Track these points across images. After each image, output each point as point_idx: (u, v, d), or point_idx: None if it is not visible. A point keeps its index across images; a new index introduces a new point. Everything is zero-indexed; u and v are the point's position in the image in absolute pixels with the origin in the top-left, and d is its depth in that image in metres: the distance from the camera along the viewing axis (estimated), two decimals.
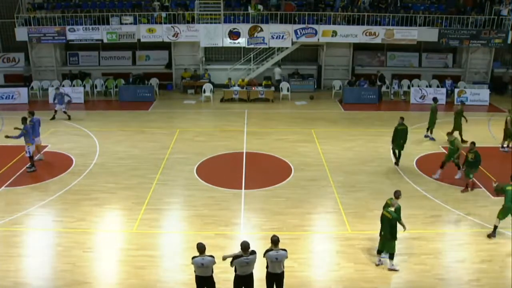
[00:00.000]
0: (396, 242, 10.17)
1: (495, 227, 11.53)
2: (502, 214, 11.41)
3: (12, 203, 13.09)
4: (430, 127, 18.29)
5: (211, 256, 8.55)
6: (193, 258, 8.59)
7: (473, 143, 13.79)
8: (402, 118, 15.77)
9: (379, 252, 10.44)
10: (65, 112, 20.54)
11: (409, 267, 10.44)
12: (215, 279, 8.78)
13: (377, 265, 10.42)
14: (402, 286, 9.88)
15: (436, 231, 11.91)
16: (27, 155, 15.19)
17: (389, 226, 9.99)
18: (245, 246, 8.45)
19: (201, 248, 8.52)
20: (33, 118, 16.00)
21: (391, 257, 10.25)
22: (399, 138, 15.51)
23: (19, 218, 12.35)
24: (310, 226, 12.39)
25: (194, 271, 8.67)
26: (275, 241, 8.70)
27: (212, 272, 8.65)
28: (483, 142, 17.74)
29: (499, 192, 11.55)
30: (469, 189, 13.92)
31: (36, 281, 9.90)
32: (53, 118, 20.30)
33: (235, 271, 8.60)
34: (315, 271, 10.46)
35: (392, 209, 10.11)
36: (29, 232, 11.83)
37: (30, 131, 15.17)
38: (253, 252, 8.54)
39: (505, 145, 17.37)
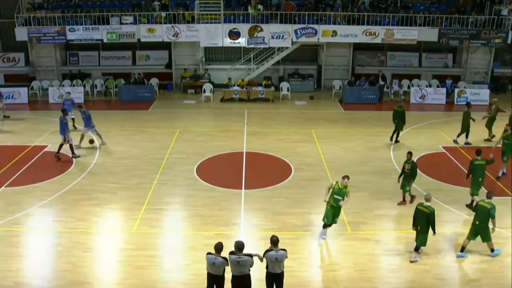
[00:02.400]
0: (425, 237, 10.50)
1: (472, 201, 12.72)
2: (473, 189, 12.76)
3: (12, 203, 13.09)
4: (463, 133, 17.65)
5: (225, 258, 8.46)
6: (207, 254, 8.56)
7: (409, 153, 13.00)
8: (400, 102, 18.33)
9: (417, 248, 10.60)
10: (73, 119, 19.17)
11: (409, 267, 10.43)
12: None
13: (411, 261, 10.52)
14: (402, 286, 9.88)
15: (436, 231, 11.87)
16: (70, 142, 16.22)
17: (426, 220, 10.28)
18: (237, 246, 8.42)
19: (218, 248, 8.46)
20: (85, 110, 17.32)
21: (417, 249, 10.54)
22: (394, 118, 17.56)
23: (19, 218, 12.34)
24: (310, 226, 12.38)
25: (206, 267, 8.65)
26: (274, 241, 8.70)
27: (224, 272, 8.59)
28: (483, 142, 17.80)
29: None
30: (407, 202, 13.09)
31: (36, 281, 9.90)
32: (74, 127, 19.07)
33: (231, 270, 8.56)
34: (315, 271, 10.47)
35: (428, 203, 10.38)
36: (29, 232, 11.82)
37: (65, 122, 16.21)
38: (249, 255, 8.45)
39: None
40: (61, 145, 16.12)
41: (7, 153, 16.65)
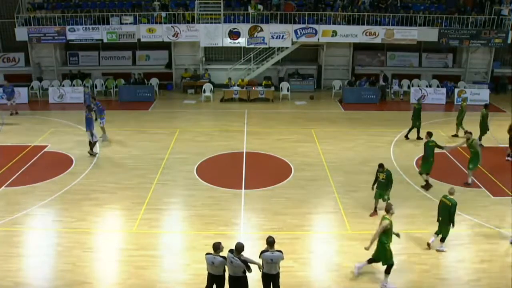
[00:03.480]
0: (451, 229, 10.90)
1: (426, 181, 13.87)
2: (423, 168, 13.87)
3: (12, 203, 13.09)
4: (483, 134, 17.43)
5: (224, 257, 8.47)
6: (206, 254, 8.58)
7: (381, 165, 12.44)
8: (419, 99, 19.00)
9: (437, 233, 11.06)
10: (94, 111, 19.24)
11: (409, 267, 10.44)
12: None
13: (428, 244, 11.02)
14: (402, 286, 9.88)
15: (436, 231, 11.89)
16: (94, 140, 16.54)
17: (448, 212, 10.65)
18: (236, 247, 8.43)
19: (216, 247, 8.49)
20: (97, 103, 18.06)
21: (443, 240, 10.95)
22: (412, 114, 18.01)
23: (19, 218, 12.35)
24: (310, 226, 12.39)
25: (206, 267, 8.66)
26: (270, 242, 8.69)
27: (224, 271, 8.61)
28: (484, 142, 17.78)
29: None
30: (376, 213, 12.60)
31: (36, 281, 9.90)
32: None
33: (227, 269, 8.58)
34: (315, 271, 10.47)
35: (452, 196, 10.72)
36: (29, 232, 11.82)
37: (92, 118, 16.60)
38: (245, 262, 8.41)
39: None
40: (90, 143, 16.43)
41: (7, 153, 16.64)
